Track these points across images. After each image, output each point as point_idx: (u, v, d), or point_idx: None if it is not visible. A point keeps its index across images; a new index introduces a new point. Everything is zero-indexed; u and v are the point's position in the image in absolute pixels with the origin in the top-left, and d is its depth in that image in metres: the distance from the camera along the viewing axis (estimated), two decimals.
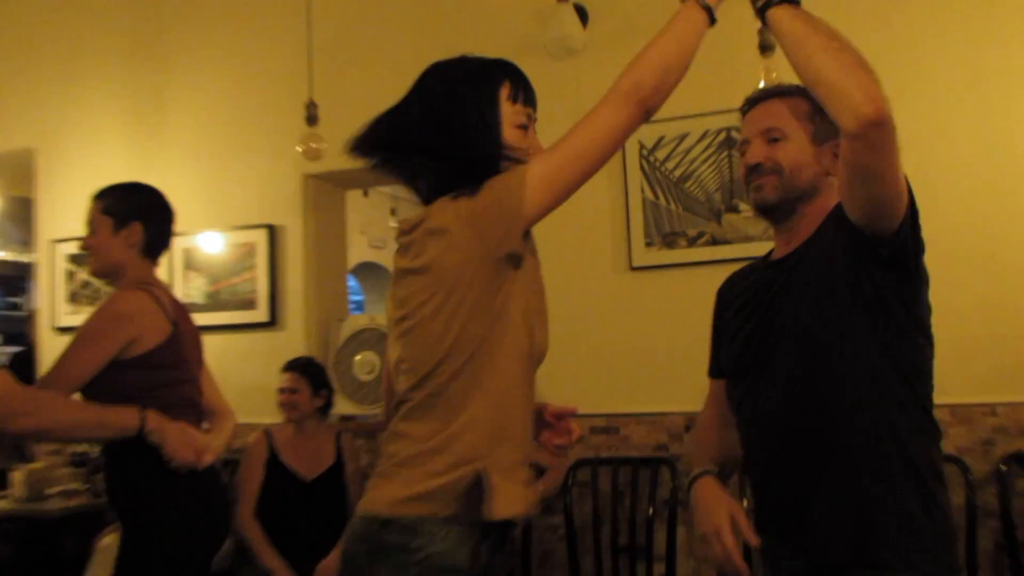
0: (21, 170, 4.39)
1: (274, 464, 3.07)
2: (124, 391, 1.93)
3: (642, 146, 3.08)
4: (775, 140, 1.43)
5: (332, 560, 2.83)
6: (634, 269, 3.12)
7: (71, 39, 4.27)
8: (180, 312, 2.15)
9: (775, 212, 1.45)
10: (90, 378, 1.91)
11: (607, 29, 3.15)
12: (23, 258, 7.30)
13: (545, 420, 1.38)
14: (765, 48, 2.57)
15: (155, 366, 1.99)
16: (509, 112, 1.30)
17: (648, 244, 3.08)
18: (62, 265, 4.10)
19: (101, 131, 4.14)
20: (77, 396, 1.94)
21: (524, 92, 1.32)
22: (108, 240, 2.12)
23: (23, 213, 5.80)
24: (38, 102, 4.26)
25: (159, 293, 2.09)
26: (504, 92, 1.31)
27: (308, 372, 3.20)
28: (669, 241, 3.06)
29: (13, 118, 4.27)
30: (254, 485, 3.04)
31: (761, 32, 2.56)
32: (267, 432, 3.11)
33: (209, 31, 4.01)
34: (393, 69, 3.51)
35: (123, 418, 1.88)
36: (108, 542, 3.05)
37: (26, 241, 7.00)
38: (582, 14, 3.09)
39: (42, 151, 4.23)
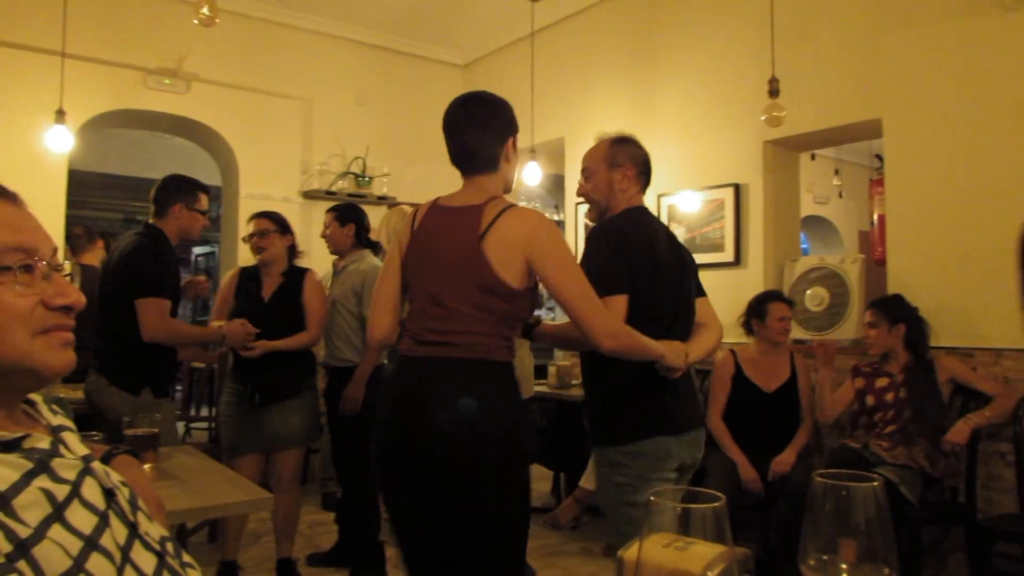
0: (555, 154, 5.59)
1: (739, 377, 3.50)
2: None
3: None
4: None
5: (786, 456, 3.28)
6: None
7: (588, 55, 5.28)
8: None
9: None
10: None
11: None
12: (557, 217, 9.24)
13: None
14: None
15: None
16: None
17: None
18: (582, 220, 5.20)
19: (606, 119, 4.99)
20: None
21: None
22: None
23: (556, 185, 7.25)
24: (567, 103, 5.38)
25: None
26: None
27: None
28: None
29: (551, 116, 5.40)
30: (722, 394, 3.50)
31: None
32: (732, 351, 3.56)
33: (687, 32, 4.60)
34: (846, 44, 3.79)
35: None
36: None
37: (557, 205, 8.84)
38: None
39: (568, 138, 5.36)
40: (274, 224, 3.24)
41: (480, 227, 1.78)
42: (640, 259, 2.00)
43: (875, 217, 5.16)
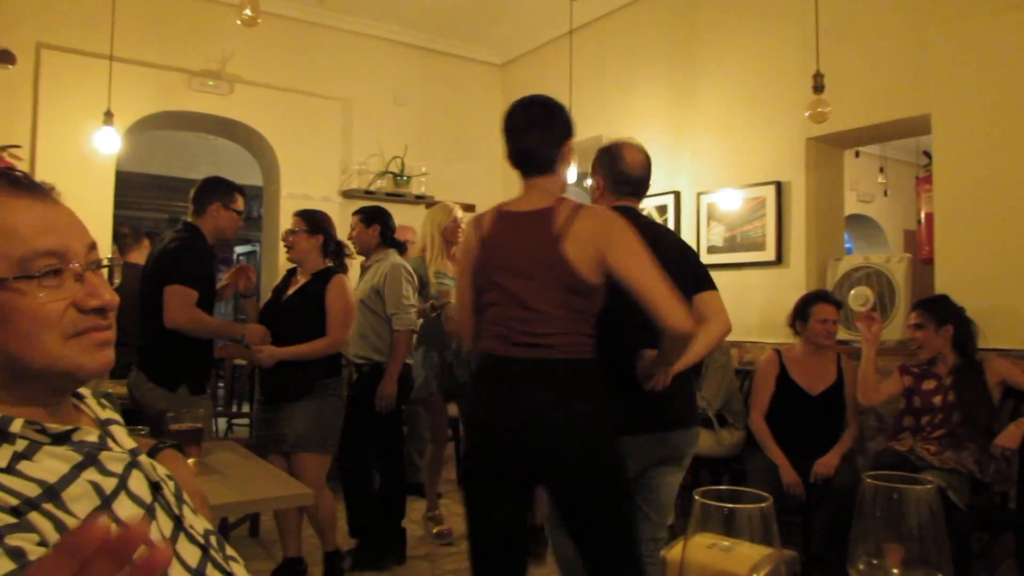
0: (594, 152, 5.56)
1: (783, 378, 3.41)
2: None
3: None
4: None
5: (829, 459, 3.19)
6: None
7: (627, 53, 5.24)
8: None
9: None
10: None
11: None
12: None
13: None
14: None
15: None
16: None
17: None
18: None
19: (645, 117, 5.00)
20: None
21: None
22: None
23: None
24: (605, 101, 5.34)
25: None
26: None
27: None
28: None
29: (590, 115, 5.32)
30: (765, 394, 3.43)
31: None
32: (777, 351, 3.49)
33: (728, 27, 4.52)
34: (894, 37, 3.70)
35: None
36: None
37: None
38: None
39: (607, 137, 5.10)
40: (303, 223, 3.18)
41: (555, 229, 1.85)
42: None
43: (922, 215, 5.03)
